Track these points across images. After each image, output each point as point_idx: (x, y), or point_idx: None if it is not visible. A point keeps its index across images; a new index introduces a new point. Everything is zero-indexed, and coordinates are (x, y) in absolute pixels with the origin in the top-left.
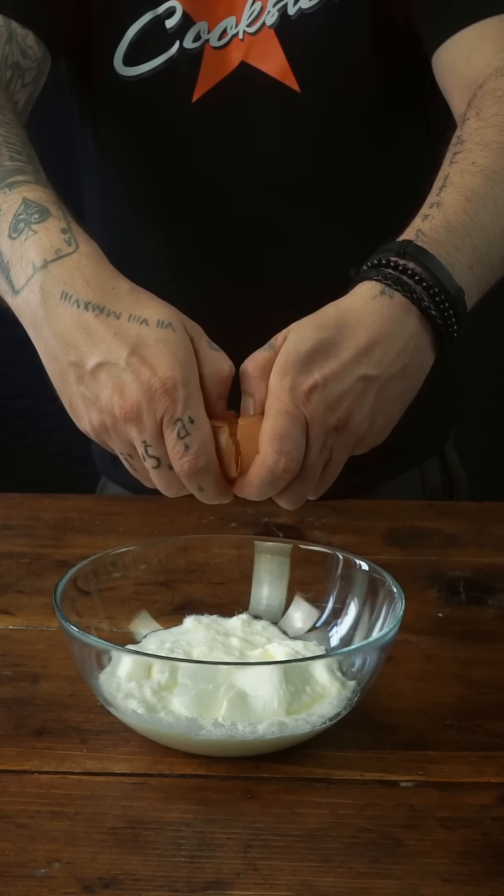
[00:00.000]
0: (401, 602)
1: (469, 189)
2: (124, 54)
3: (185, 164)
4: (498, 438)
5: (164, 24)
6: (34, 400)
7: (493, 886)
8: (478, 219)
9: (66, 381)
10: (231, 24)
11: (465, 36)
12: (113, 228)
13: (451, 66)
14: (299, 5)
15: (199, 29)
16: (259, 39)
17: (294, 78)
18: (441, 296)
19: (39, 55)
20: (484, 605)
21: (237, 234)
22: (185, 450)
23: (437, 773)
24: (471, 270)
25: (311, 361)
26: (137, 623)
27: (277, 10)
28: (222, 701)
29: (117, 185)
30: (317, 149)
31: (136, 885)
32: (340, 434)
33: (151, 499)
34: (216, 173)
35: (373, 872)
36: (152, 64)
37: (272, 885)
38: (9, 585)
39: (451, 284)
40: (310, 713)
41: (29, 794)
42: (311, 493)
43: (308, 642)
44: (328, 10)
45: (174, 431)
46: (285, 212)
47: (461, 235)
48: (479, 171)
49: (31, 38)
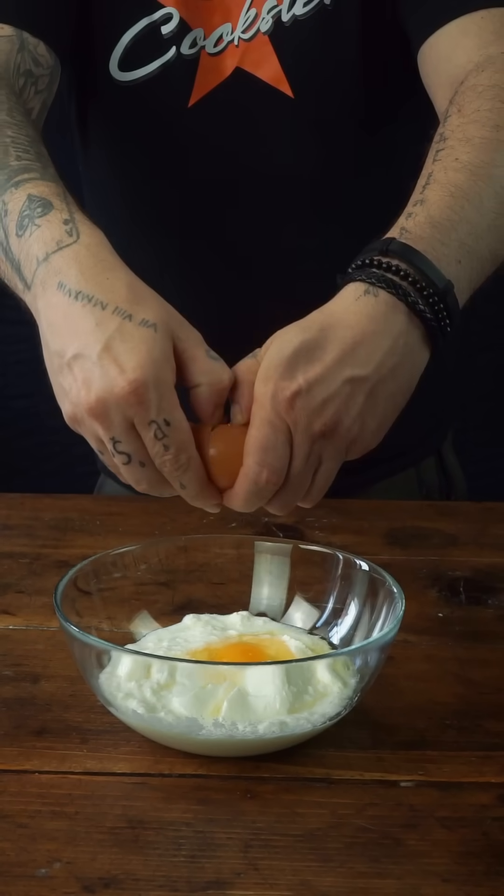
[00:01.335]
0: (401, 602)
1: (453, 185)
2: (120, 59)
3: (180, 168)
4: (498, 438)
5: (161, 29)
6: (34, 400)
7: (493, 886)
8: (463, 213)
9: (52, 370)
10: (227, 30)
11: (446, 32)
12: (109, 231)
13: (434, 64)
14: (293, 11)
15: (196, 35)
16: (254, 46)
17: (287, 84)
18: (429, 290)
19: (51, 63)
20: (484, 605)
21: (233, 239)
22: (165, 450)
23: (437, 773)
24: (458, 264)
25: (294, 366)
26: (138, 623)
27: (272, 17)
28: (222, 700)
29: (113, 189)
30: (311, 153)
31: (136, 885)
32: (328, 439)
33: (151, 499)
34: (212, 178)
35: (373, 872)
36: (148, 69)
37: (272, 884)
38: (9, 585)
39: (439, 278)
40: (311, 712)
41: (29, 793)
42: (303, 500)
43: (313, 636)
44: (321, 15)
45: (151, 432)
46: (281, 216)
47: (446, 230)
48: (462, 167)
49: (42, 47)
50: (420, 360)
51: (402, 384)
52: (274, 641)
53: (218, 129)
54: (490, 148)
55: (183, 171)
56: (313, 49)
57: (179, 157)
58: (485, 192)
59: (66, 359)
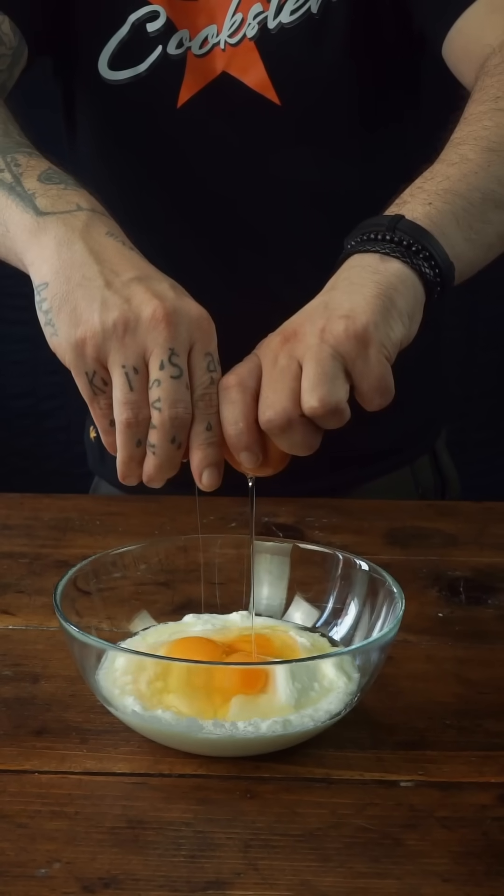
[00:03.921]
0: (401, 602)
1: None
2: (109, 59)
3: (170, 168)
4: (498, 438)
5: (146, 27)
6: (34, 399)
7: (493, 886)
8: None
9: (84, 284)
10: (212, 32)
11: (474, 12)
12: None
13: (464, 46)
14: (279, 19)
15: (182, 36)
16: (240, 51)
17: (274, 91)
18: (371, 233)
19: (14, 43)
20: (484, 605)
21: (222, 240)
22: (211, 382)
23: (437, 772)
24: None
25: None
26: (137, 623)
27: (258, 23)
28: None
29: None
30: (298, 160)
31: (136, 885)
32: (293, 342)
33: (151, 499)
34: (202, 178)
35: (373, 872)
36: (137, 70)
37: (272, 884)
38: (9, 585)
39: (384, 219)
40: (315, 709)
41: (29, 793)
42: (303, 400)
43: (313, 633)
44: (308, 24)
45: (205, 362)
46: (270, 221)
47: (409, 194)
48: (450, 146)
49: (6, 25)
50: (386, 267)
51: (365, 280)
52: (279, 636)
53: (208, 129)
54: (484, 118)
55: (173, 169)
56: (299, 58)
57: (169, 157)
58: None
59: (125, 278)
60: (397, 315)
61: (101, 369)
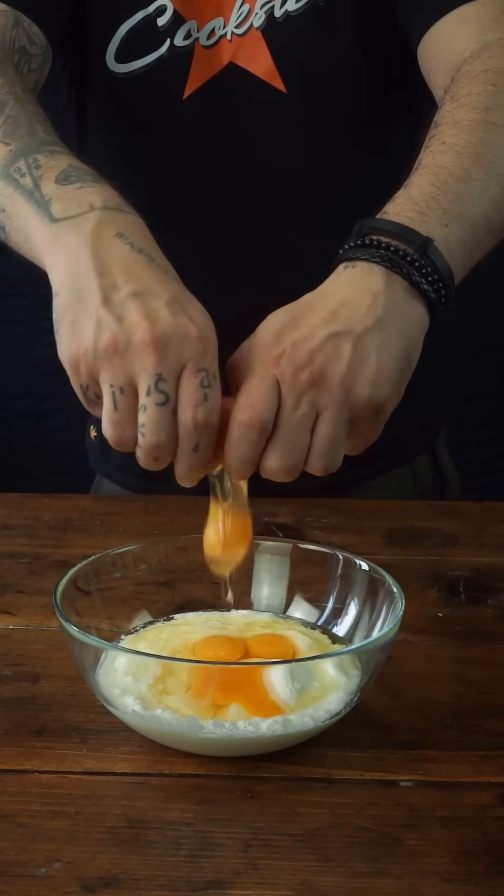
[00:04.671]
0: (401, 602)
1: (437, 166)
2: (116, 51)
3: (177, 159)
4: (498, 438)
5: (156, 21)
6: (35, 400)
7: (493, 886)
8: (446, 186)
9: (84, 299)
10: (219, 24)
11: (446, 22)
12: None
13: (434, 53)
14: (286, 7)
15: (190, 27)
16: (247, 41)
17: (280, 79)
18: (403, 249)
19: (44, 43)
20: (484, 604)
21: (229, 232)
22: (205, 399)
23: (436, 772)
24: (445, 227)
25: (280, 335)
26: (137, 623)
27: (264, 12)
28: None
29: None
30: (306, 148)
31: (136, 885)
32: (320, 389)
33: (151, 499)
34: (209, 169)
35: (373, 872)
36: (144, 61)
37: (272, 884)
38: (9, 585)
39: (413, 236)
40: (316, 707)
41: (29, 793)
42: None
43: (314, 630)
44: (314, 12)
45: (198, 378)
46: (277, 210)
47: (425, 202)
48: (447, 148)
49: (35, 27)
50: (412, 313)
51: (392, 335)
52: (279, 633)
53: (213, 121)
54: (478, 129)
55: (180, 160)
56: (306, 45)
57: (177, 148)
58: (472, 167)
59: (123, 293)
60: (409, 375)
61: (94, 384)
